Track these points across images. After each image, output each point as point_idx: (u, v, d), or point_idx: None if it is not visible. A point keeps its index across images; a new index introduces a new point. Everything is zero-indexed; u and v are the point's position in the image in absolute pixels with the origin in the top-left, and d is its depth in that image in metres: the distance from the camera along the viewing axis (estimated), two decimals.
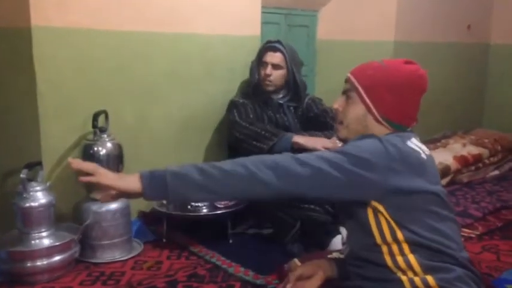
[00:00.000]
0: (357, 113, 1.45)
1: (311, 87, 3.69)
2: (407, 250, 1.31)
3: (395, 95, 1.41)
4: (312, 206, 2.18)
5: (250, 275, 2.01)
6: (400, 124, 1.43)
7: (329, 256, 1.62)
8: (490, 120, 4.45)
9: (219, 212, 2.33)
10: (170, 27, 2.53)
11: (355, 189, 1.31)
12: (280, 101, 2.66)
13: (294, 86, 2.66)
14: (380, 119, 1.44)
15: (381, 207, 1.32)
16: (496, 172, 3.64)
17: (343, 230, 1.47)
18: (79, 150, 2.21)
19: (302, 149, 2.37)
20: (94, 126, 2.17)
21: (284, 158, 1.32)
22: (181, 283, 1.96)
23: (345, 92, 1.46)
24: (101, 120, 2.20)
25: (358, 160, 1.30)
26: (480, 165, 3.54)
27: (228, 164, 1.30)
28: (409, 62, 1.46)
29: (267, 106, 2.65)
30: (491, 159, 3.65)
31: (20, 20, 2.09)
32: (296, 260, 1.76)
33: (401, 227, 1.31)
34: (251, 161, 1.30)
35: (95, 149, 2.16)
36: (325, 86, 3.73)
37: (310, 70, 3.78)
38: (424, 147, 1.44)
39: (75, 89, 2.24)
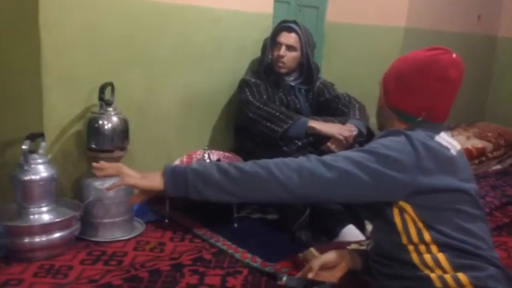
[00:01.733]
0: (378, 106, 1.46)
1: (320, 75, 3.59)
2: (436, 250, 1.25)
3: (403, 83, 1.34)
4: None
5: (258, 262, 1.94)
6: (407, 114, 1.35)
7: (349, 248, 1.57)
8: (493, 114, 4.41)
9: None
10: None
11: (383, 190, 1.25)
12: (292, 83, 2.57)
13: (307, 68, 2.56)
14: (386, 108, 1.38)
15: (407, 207, 1.26)
16: (498, 167, 3.62)
17: (368, 224, 1.40)
18: (83, 123, 2.10)
19: (316, 134, 2.31)
20: (100, 98, 2.06)
21: (309, 161, 1.26)
22: (186, 267, 1.89)
23: None
24: (106, 92, 2.09)
25: (385, 159, 1.23)
26: (483, 159, 3.50)
27: (249, 165, 1.26)
28: (433, 48, 1.37)
29: (278, 87, 2.56)
30: (494, 153, 3.61)
31: None
32: (313, 250, 1.70)
33: (429, 227, 1.25)
34: (274, 164, 1.25)
35: (100, 122, 2.06)
36: (331, 70, 3.63)
37: (317, 52, 3.67)
38: (454, 142, 1.37)
39: (81, 58, 2.12)
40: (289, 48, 2.50)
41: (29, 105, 2.07)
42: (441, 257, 1.22)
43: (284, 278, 1.37)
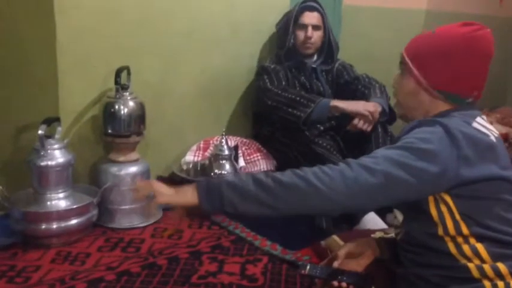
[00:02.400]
0: (408, 88, 1.33)
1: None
2: (474, 241, 1.19)
3: (446, 62, 1.25)
4: None
5: (278, 250, 1.90)
6: (459, 95, 1.28)
7: (373, 236, 1.51)
8: None
9: None
10: None
11: (427, 188, 1.17)
12: (314, 65, 2.51)
13: (328, 47, 2.52)
14: (433, 91, 1.30)
15: (447, 198, 1.19)
16: None
17: (398, 213, 1.35)
18: (99, 107, 2.06)
19: (340, 113, 2.25)
20: (116, 82, 2.01)
21: (349, 167, 1.16)
22: (205, 254, 1.85)
23: (400, 67, 1.34)
24: (122, 77, 2.05)
25: (425, 154, 1.15)
26: (506, 145, 3.41)
27: (288, 176, 1.16)
28: (466, 24, 1.29)
29: (299, 72, 2.50)
30: None
31: None
32: (335, 237, 1.65)
33: (468, 219, 1.18)
34: (314, 174, 1.16)
35: (116, 107, 2.01)
36: (349, 54, 3.55)
37: (335, 36, 3.59)
38: (491, 127, 1.30)
39: (97, 42, 2.07)
40: (315, 27, 2.46)
41: (44, 89, 2.03)
42: (480, 247, 1.16)
43: (308, 267, 1.32)
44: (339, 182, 1.13)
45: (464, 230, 1.18)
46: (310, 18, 2.46)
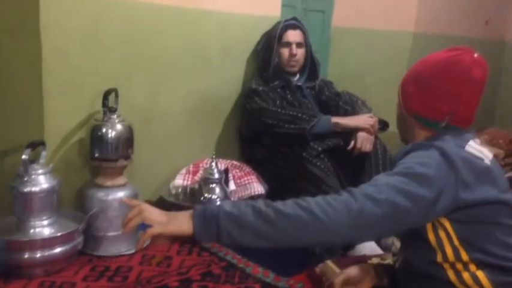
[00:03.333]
0: (397, 112, 1.39)
1: (323, 76, 3.51)
2: (474, 268, 1.16)
3: (417, 86, 1.27)
4: None
5: (270, 277, 1.83)
6: (428, 119, 1.27)
7: (370, 262, 1.47)
8: (502, 120, 4.33)
9: None
10: (186, 1, 2.32)
11: (429, 214, 1.16)
12: (299, 83, 2.52)
13: (311, 64, 2.56)
14: (407, 115, 1.30)
15: (446, 223, 1.16)
16: (510, 174, 3.53)
17: (396, 239, 1.31)
18: (86, 130, 2.01)
19: (342, 130, 2.29)
20: (104, 105, 1.96)
21: (354, 198, 1.12)
22: (195, 282, 1.78)
23: None
24: (110, 99, 2.00)
25: (423, 179, 1.14)
26: None
27: (290, 207, 1.11)
28: (452, 50, 1.29)
29: (285, 91, 2.50)
30: (506, 160, 3.53)
31: None
32: (330, 263, 1.60)
33: (466, 245, 1.15)
34: (317, 204, 1.11)
35: (104, 130, 1.95)
36: (337, 75, 3.56)
37: (323, 58, 3.60)
38: (485, 150, 1.28)
39: (84, 62, 2.03)
40: (298, 45, 2.49)
41: (29, 112, 1.98)
42: (480, 274, 1.13)
43: None
44: (343, 214, 1.09)
45: (464, 256, 1.15)
46: (294, 36, 2.49)
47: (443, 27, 3.68)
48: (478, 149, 1.25)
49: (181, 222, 1.13)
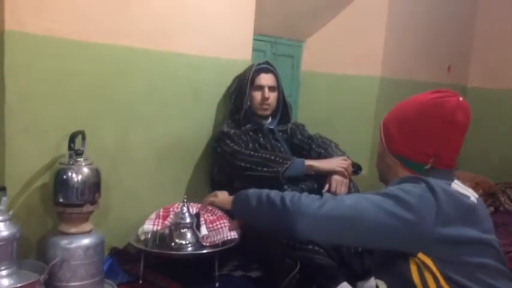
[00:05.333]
0: (378, 152, 1.39)
1: (294, 120, 3.52)
2: None
3: (400, 127, 1.28)
4: (316, 248, 1.95)
5: None
6: (412, 160, 1.27)
7: None
8: (468, 163, 4.41)
9: (205, 251, 2.05)
10: (156, 44, 2.30)
11: (400, 236, 1.14)
12: (271, 126, 2.50)
13: (283, 107, 2.56)
14: (389, 155, 1.30)
15: (428, 261, 1.14)
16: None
17: (380, 283, 1.27)
18: (50, 174, 1.91)
19: (316, 173, 2.28)
20: (70, 148, 1.88)
21: (332, 198, 1.22)
22: None
23: None
24: (77, 141, 1.93)
25: (404, 204, 1.14)
26: None
27: (277, 195, 1.30)
28: (437, 92, 1.31)
29: (257, 134, 2.48)
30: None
31: None
32: None
33: (453, 283, 1.12)
34: (292, 195, 1.26)
35: (69, 174, 1.86)
36: (307, 119, 3.57)
37: (293, 102, 3.63)
38: (470, 189, 1.28)
39: (50, 105, 1.96)
40: (271, 88, 2.49)
41: None
42: None
43: None
44: (305, 205, 1.20)
45: None
46: (267, 79, 2.50)
47: (408, 73, 3.78)
48: (463, 187, 1.26)
49: (227, 199, 1.69)
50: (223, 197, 1.91)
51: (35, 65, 1.90)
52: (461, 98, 1.26)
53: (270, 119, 2.55)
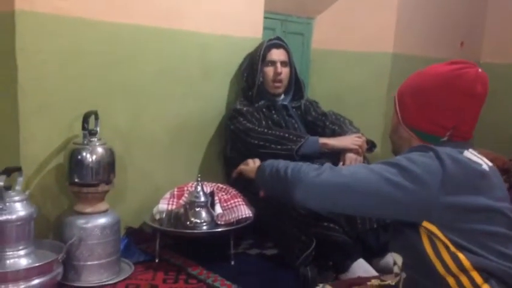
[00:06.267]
0: (392, 124, 1.37)
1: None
2: (480, 280, 1.11)
3: (419, 100, 1.25)
4: (331, 225, 1.95)
5: None
6: (427, 132, 1.24)
7: (369, 284, 1.41)
8: (481, 140, 4.36)
9: (220, 229, 2.06)
10: (167, 22, 2.28)
11: (399, 205, 1.15)
12: (285, 103, 2.48)
13: (295, 83, 2.53)
14: (405, 127, 1.28)
15: (434, 229, 1.13)
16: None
17: (397, 257, 1.26)
18: (65, 154, 1.91)
19: (330, 151, 2.26)
20: (84, 128, 1.88)
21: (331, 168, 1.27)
22: None
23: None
24: (90, 121, 1.92)
25: (408, 173, 1.14)
26: None
27: (283, 164, 1.38)
28: (454, 63, 1.28)
29: (271, 111, 2.46)
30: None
31: (2, 4, 1.81)
32: (328, 287, 1.53)
33: (463, 249, 1.11)
34: (295, 164, 1.34)
35: (84, 154, 1.86)
36: (318, 97, 3.54)
37: (304, 80, 3.59)
38: (485, 159, 1.26)
39: (62, 85, 1.95)
40: (283, 64, 2.46)
41: (4, 137, 1.88)
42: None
43: None
44: (304, 172, 1.26)
45: (464, 262, 1.11)
46: (278, 55, 2.46)
47: (420, 49, 3.72)
48: (476, 155, 1.24)
49: (254, 168, 1.68)
50: (252, 165, 1.89)
51: (45, 44, 1.89)
52: (480, 69, 1.23)
53: (283, 95, 2.53)
